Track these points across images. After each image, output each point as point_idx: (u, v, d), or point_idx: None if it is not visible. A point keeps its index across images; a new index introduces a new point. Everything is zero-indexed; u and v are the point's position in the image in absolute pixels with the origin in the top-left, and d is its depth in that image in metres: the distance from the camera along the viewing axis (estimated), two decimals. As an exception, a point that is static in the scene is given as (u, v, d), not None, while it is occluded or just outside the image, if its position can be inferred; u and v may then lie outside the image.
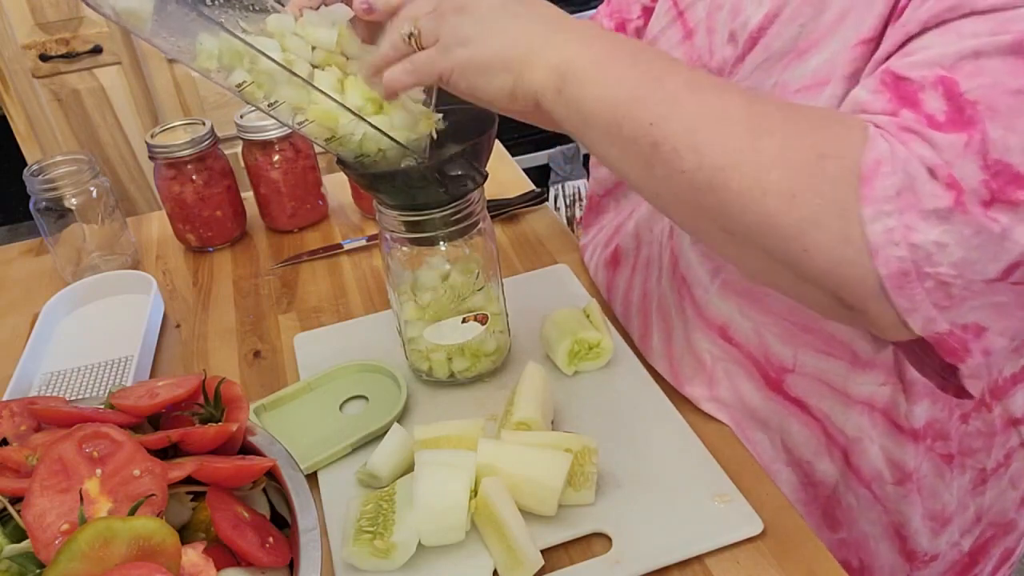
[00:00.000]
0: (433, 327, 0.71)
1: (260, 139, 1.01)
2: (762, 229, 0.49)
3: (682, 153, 0.50)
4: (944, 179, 0.46)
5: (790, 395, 0.66)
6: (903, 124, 0.48)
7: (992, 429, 0.66)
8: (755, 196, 0.48)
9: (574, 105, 0.53)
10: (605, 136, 0.53)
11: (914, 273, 0.47)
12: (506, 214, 1.04)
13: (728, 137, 0.49)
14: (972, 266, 0.47)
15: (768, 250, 0.50)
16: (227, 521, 0.47)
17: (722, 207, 0.50)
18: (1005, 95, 0.45)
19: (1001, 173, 0.46)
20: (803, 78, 0.57)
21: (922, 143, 0.47)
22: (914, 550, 0.70)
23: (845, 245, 0.47)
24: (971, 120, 0.46)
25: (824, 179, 0.47)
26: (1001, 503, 0.71)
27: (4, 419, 0.53)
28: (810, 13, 0.57)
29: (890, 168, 0.47)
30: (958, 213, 0.46)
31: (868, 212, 0.47)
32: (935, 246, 0.46)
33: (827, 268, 0.48)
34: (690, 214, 0.54)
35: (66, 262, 1.02)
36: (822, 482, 0.69)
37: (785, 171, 0.48)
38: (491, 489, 0.59)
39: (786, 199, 0.48)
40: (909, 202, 0.46)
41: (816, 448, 0.68)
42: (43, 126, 1.99)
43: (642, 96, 0.51)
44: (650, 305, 0.76)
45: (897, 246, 0.46)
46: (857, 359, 0.63)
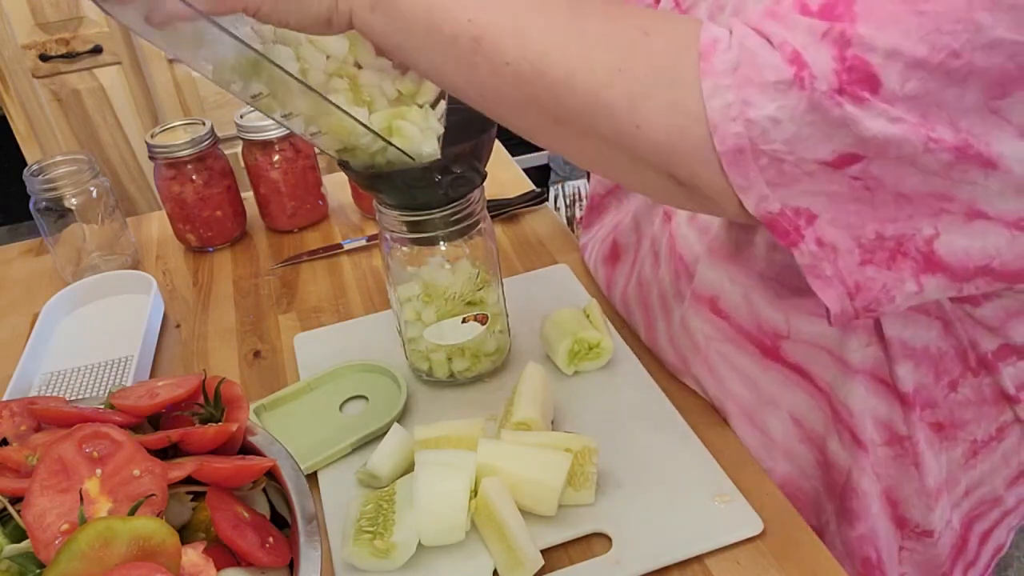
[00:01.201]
0: (433, 327, 0.71)
1: (260, 139, 1.01)
2: (592, 110, 0.49)
3: (504, 43, 0.49)
4: (788, 54, 0.46)
5: (788, 361, 0.66)
6: (769, 10, 0.48)
7: (981, 397, 0.66)
8: (581, 76, 0.48)
9: (390, 15, 0.52)
10: (426, 42, 0.52)
11: (749, 150, 0.47)
12: (506, 214, 1.04)
13: (549, 21, 0.49)
14: (804, 143, 0.47)
15: (601, 133, 0.50)
16: (227, 521, 0.47)
17: (550, 94, 0.50)
18: (887, 1, 0.45)
19: (855, 68, 0.45)
20: None
21: (777, 23, 0.47)
22: (904, 517, 0.69)
23: (678, 115, 0.47)
24: (841, 15, 0.46)
25: (651, 53, 0.48)
26: (991, 480, 0.71)
27: (4, 419, 0.53)
28: None
29: (726, 44, 0.47)
30: (795, 87, 0.46)
31: (707, 86, 0.47)
32: (770, 121, 0.46)
33: (661, 143, 0.48)
34: (521, 109, 0.53)
35: (66, 262, 1.02)
36: (835, 464, 0.68)
37: (609, 47, 0.48)
38: (491, 489, 0.59)
39: (611, 73, 0.48)
40: (747, 76, 0.46)
41: (825, 423, 0.67)
42: (43, 126, 1.99)
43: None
44: (650, 295, 0.76)
45: (734, 121, 0.47)
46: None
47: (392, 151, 0.62)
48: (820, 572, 0.57)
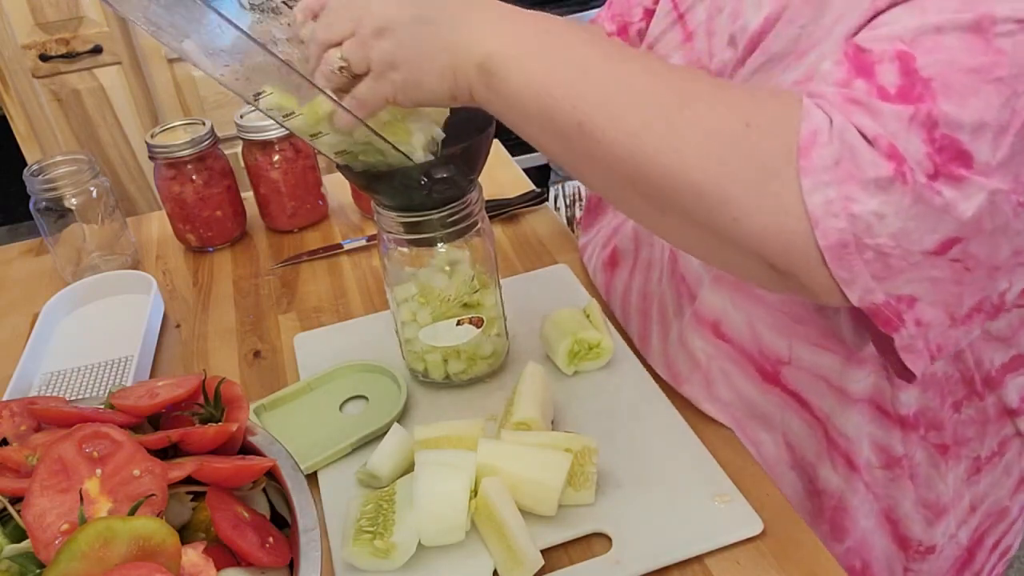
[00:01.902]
0: (428, 329, 0.71)
1: (260, 139, 1.01)
2: (691, 200, 0.49)
3: (605, 128, 0.50)
4: (884, 149, 0.46)
5: (788, 387, 0.66)
6: (849, 95, 0.48)
7: (985, 417, 0.66)
8: (681, 167, 0.48)
9: (503, 97, 0.54)
10: (537, 122, 0.53)
11: (853, 244, 0.47)
12: (506, 214, 1.04)
13: (652, 108, 0.49)
14: (909, 236, 0.47)
15: (700, 222, 0.50)
16: (227, 521, 0.47)
17: (648, 180, 0.50)
18: (960, 72, 0.45)
19: (947, 148, 0.46)
20: (798, 75, 0.57)
21: (864, 113, 0.47)
22: (906, 536, 0.69)
23: (779, 213, 0.47)
24: (921, 96, 0.46)
25: (751, 147, 0.48)
26: (995, 492, 0.71)
27: (4, 419, 0.53)
28: (810, 15, 0.57)
29: (827, 138, 0.47)
30: (898, 183, 0.46)
31: (807, 182, 0.47)
32: (874, 216, 0.46)
33: (760, 236, 0.48)
34: (622, 191, 0.54)
35: (66, 262, 1.02)
36: (826, 491, 0.69)
37: (712, 139, 0.48)
38: (491, 489, 0.59)
39: (713, 167, 0.48)
40: (848, 172, 0.46)
41: (818, 450, 0.68)
42: (43, 126, 1.99)
43: (564, 79, 0.51)
44: (650, 306, 0.76)
45: (837, 217, 0.47)
46: (851, 354, 0.63)
47: (392, 153, 0.62)
48: (820, 572, 0.57)
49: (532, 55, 0.53)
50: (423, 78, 0.55)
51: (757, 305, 0.65)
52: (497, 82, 0.53)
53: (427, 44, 0.54)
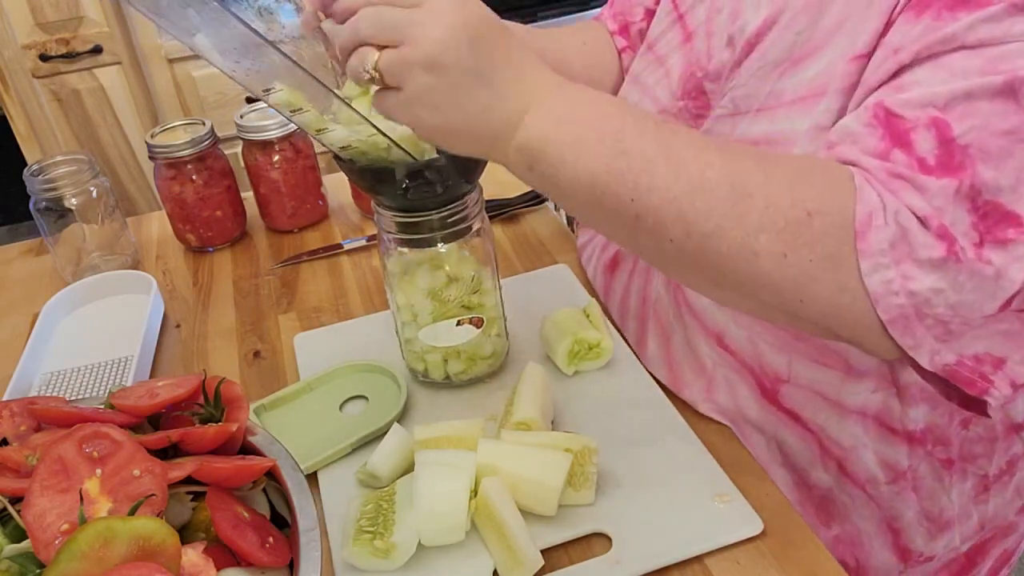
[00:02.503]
0: (428, 329, 0.71)
1: (260, 139, 1.01)
2: (757, 286, 0.50)
3: (667, 224, 0.50)
4: (935, 229, 0.47)
5: (784, 406, 0.67)
6: (893, 170, 0.49)
7: (993, 435, 0.66)
8: (746, 258, 0.49)
9: (549, 183, 0.53)
10: (586, 209, 0.53)
11: (914, 316, 0.49)
12: (506, 214, 1.04)
13: (712, 203, 0.49)
14: (969, 307, 0.49)
15: (764, 301, 0.52)
16: (227, 521, 0.47)
17: (714, 269, 0.51)
18: (995, 136, 0.47)
19: (991, 214, 0.47)
20: (798, 88, 0.57)
21: (912, 191, 0.48)
22: (908, 547, 0.70)
23: (843, 295, 0.49)
24: (961, 164, 0.47)
25: (814, 236, 0.49)
26: (1004, 511, 0.71)
27: (4, 419, 0.53)
28: (806, 21, 0.57)
29: (882, 221, 0.48)
30: (951, 262, 0.47)
31: (865, 265, 0.48)
32: (932, 292, 0.48)
33: (826, 315, 0.50)
34: (682, 274, 0.55)
35: (66, 262, 1.02)
36: (816, 486, 0.69)
37: (774, 232, 0.49)
38: (491, 489, 0.59)
39: (778, 259, 0.49)
40: (904, 252, 0.48)
41: (811, 459, 0.68)
42: (43, 126, 1.99)
43: (618, 171, 0.50)
44: (648, 310, 0.76)
45: (896, 295, 0.48)
46: (851, 368, 0.63)
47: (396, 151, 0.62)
48: (820, 572, 0.57)
49: (583, 142, 0.51)
50: (458, 134, 0.52)
51: (757, 323, 0.65)
52: (542, 167, 0.52)
53: (477, 105, 0.51)
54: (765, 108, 0.60)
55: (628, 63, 0.85)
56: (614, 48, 0.86)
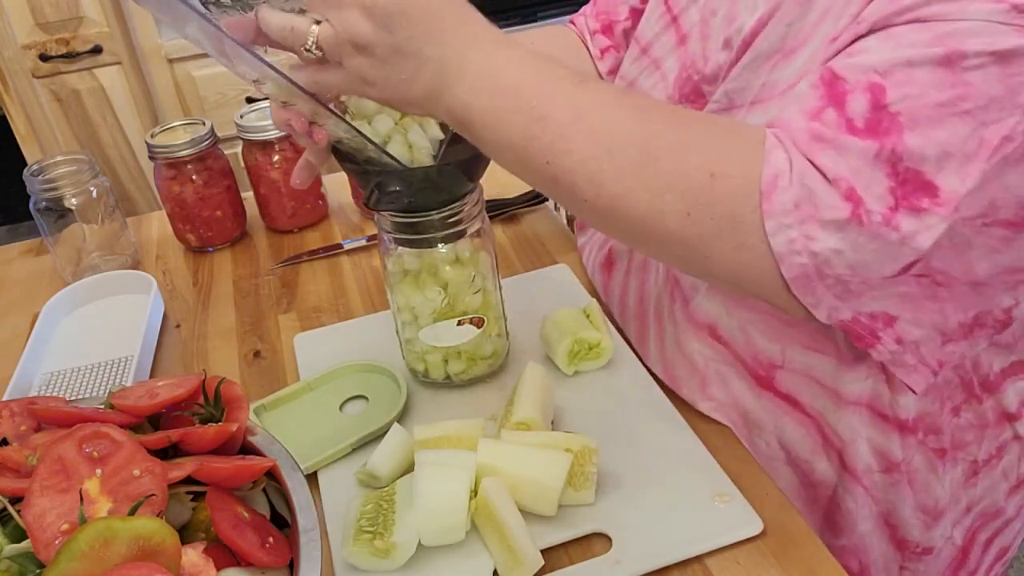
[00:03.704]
0: (428, 329, 0.71)
1: (260, 139, 1.01)
2: (665, 244, 0.53)
3: (580, 185, 0.53)
4: (843, 191, 0.49)
5: (781, 391, 0.67)
6: (817, 131, 0.50)
7: (984, 421, 0.66)
8: (654, 217, 0.52)
9: (478, 144, 0.56)
10: (513, 170, 0.56)
11: (815, 275, 0.51)
12: (506, 214, 1.04)
13: (621, 165, 0.52)
14: (867, 267, 0.50)
15: (676, 256, 0.54)
16: (227, 521, 0.47)
17: (627, 226, 0.54)
18: (928, 107, 0.47)
19: (910, 181, 0.48)
20: (789, 78, 0.58)
21: (831, 151, 0.49)
22: (904, 539, 0.70)
23: (745, 254, 0.51)
24: (888, 130, 0.48)
25: (717, 197, 0.51)
26: (992, 494, 0.71)
27: (4, 419, 0.53)
28: (797, 13, 0.58)
29: (787, 182, 0.49)
30: (854, 223, 0.49)
31: (770, 225, 0.50)
32: (832, 252, 0.50)
33: (731, 271, 0.53)
34: (603, 230, 0.59)
35: (66, 262, 1.02)
36: (822, 482, 0.69)
37: (678, 192, 0.51)
38: (491, 489, 0.59)
39: (682, 217, 0.51)
40: (808, 213, 0.49)
41: (812, 447, 0.68)
42: (43, 126, 1.99)
43: (532, 136, 0.53)
44: (646, 308, 0.76)
45: (799, 254, 0.50)
46: (843, 355, 0.63)
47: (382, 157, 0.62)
48: (820, 572, 0.57)
49: (501, 112, 0.53)
50: (394, 102, 0.56)
51: (750, 311, 0.66)
52: (469, 132, 0.56)
53: (402, 76, 0.54)
54: (759, 100, 0.60)
55: (612, 63, 0.85)
56: (586, 52, 0.86)
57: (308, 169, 0.67)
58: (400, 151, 0.63)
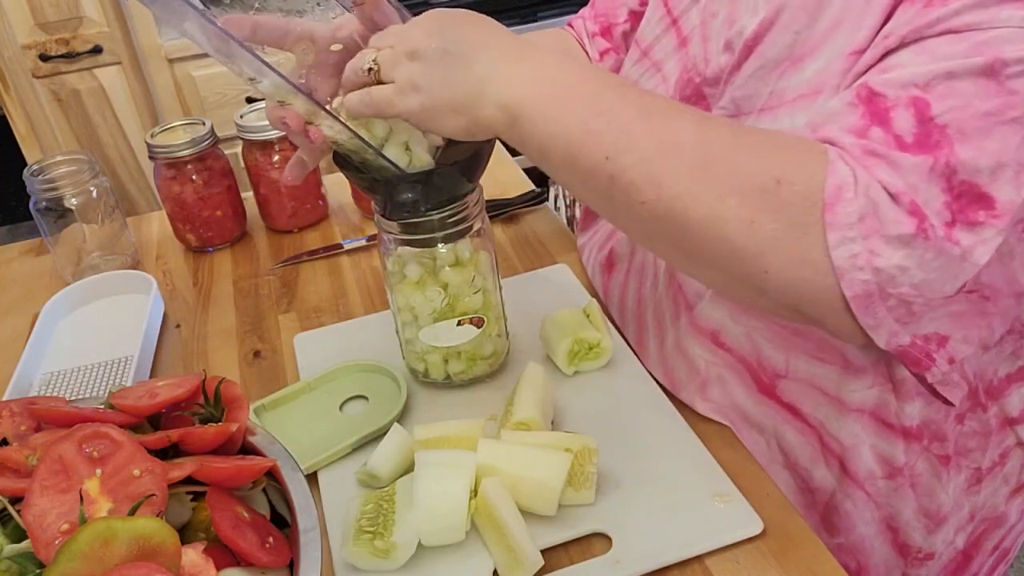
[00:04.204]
0: (428, 329, 0.71)
1: (260, 139, 1.01)
2: (723, 253, 0.51)
3: (639, 185, 0.51)
4: (906, 205, 0.47)
5: (783, 400, 0.67)
6: (869, 147, 0.49)
7: (988, 429, 0.66)
8: (714, 223, 0.50)
9: (528, 141, 0.54)
10: (563, 168, 0.54)
11: (878, 294, 0.49)
12: (506, 214, 1.04)
13: (683, 166, 0.50)
14: (931, 286, 0.49)
15: (730, 271, 0.52)
16: (227, 521, 0.47)
17: (683, 233, 0.51)
18: (975, 117, 0.46)
19: (965, 194, 0.47)
20: (799, 87, 0.58)
21: (886, 167, 0.48)
22: (907, 544, 0.70)
23: (806, 267, 0.49)
24: (938, 143, 0.47)
25: (781, 204, 0.49)
26: (993, 500, 0.71)
27: (4, 419, 0.53)
28: (805, 21, 0.57)
29: (852, 194, 0.48)
30: (920, 239, 0.47)
31: (833, 238, 0.48)
32: (897, 269, 0.48)
33: (788, 287, 0.50)
34: (652, 239, 0.55)
35: (66, 262, 1.02)
36: (820, 488, 0.69)
37: (742, 197, 0.49)
38: (491, 489, 0.59)
39: (744, 224, 0.49)
40: (872, 227, 0.48)
41: (812, 456, 0.68)
42: (43, 126, 1.99)
43: (594, 130, 0.51)
44: (645, 310, 0.76)
45: (861, 270, 0.48)
46: (848, 364, 0.63)
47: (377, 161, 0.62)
48: (820, 572, 0.57)
49: (559, 101, 0.53)
50: (441, 109, 0.55)
51: (756, 319, 0.65)
52: (521, 124, 0.54)
53: (455, 78, 0.54)
54: (767, 108, 0.60)
55: (612, 65, 0.85)
56: (585, 55, 0.86)
57: (300, 166, 0.67)
58: (396, 154, 0.63)
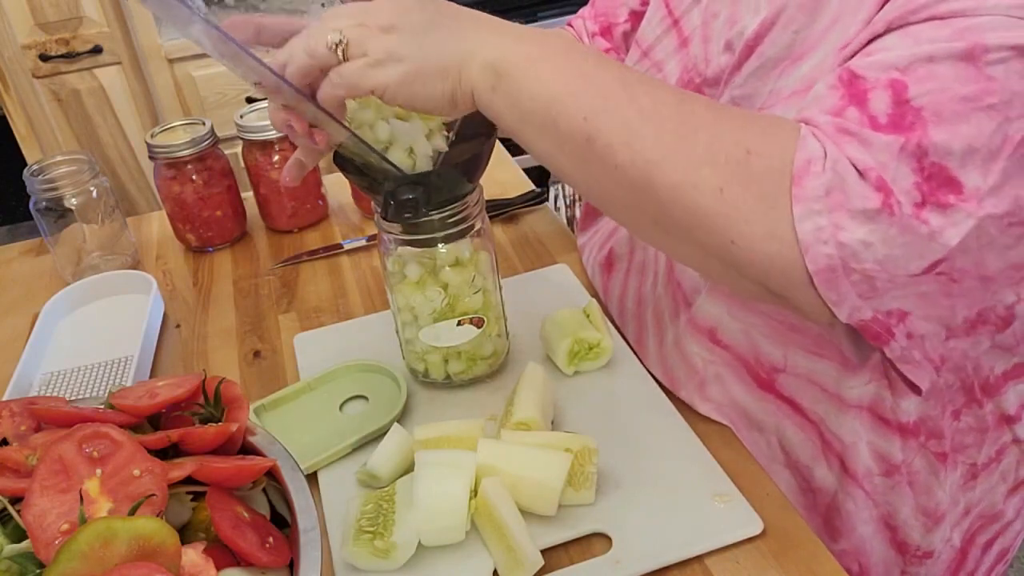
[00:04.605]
0: (428, 329, 0.71)
1: (260, 139, 1.01)
2: (692, 222, 0.51)
3: (616, 147, 0.51)
4: (873, 181, 0.47)
5: (783, 394, 0.66)
6: (842, 126, 0.49)
7: (984, 425, 0.66)
8: (686, 190, 0.50)
9: (509, 101, 0.54)
10: (541, 131, 0.54)
11: (841, 269, 0.49)
12: (506, 214, 1.04)
13: (660, 132, 0.50)
14: (896, 262, 0.49)
15: (698, 242, 0.52)
16: (227, 521, 0.47)
17: (654, 201, 0.51)
18: (951, 101, 0.47)
19: (935, 176, 0.47)
20: (794, 84, 0.58)
21: (857, 144, 0.48)
22: (905, 542, 0.70)
23: (772, 240, 0.49)
24: (912, 125, 0.47)
25: (751, 175, 0.49)
26: (990, 497, 0.71)
27: (4, 419, 0.53)
28: (804, 20, 0.58)
29: (820, 168, 0.48)
30: (885, 214, 0.47)
31: (799, 210, 0.48)
32: (861, 244, 0.48)
33: (755, 260, 0.50)
34: (624, 207, 0.55)
35: (66, 262, 1.02)
36: (821, 488, 0.69)
37: (714, 167, 0.49)
38: (491, 489, 0.59)
39: (714, 193, 0.49)
40: (838, 201, 0.48)
41: (813, 452, 0.68)
42: (43, 126, 1.99)
43: (575, 91, 0.52)
44: (645, 310, 0.76)
45: (826, 244, 0.48)
46: (846, 360, 0.63)
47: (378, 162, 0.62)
48: (820, 572, 0.57)
49: (544, 61, 0.53)
50: (427, 73, 0.54)
51: (753, 314, 0.65)
52: (506, 84, 0.53)
53: (440, 41, 0.54)
54: (765, 107, 0.60)
55: None
56: None
57: (298, 167, 0.67)
58: (399, 158, 0.63)
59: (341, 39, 0.54)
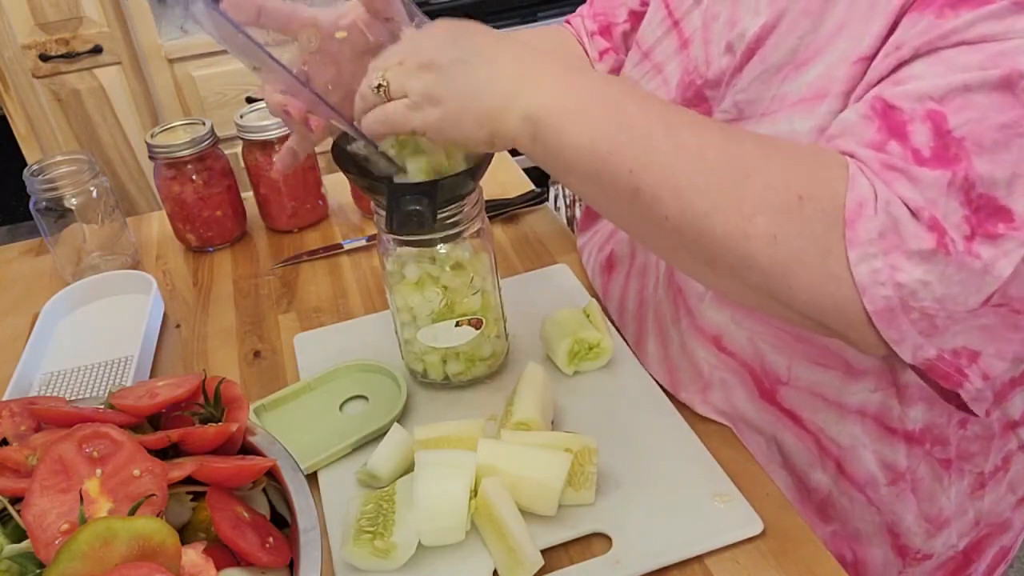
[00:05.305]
0: (427, 330, 0.71)
1: (260, 139, 1.01)
2: (746, 268, 0.50)
3: (664, 199, 0.50)
4: (926, 221, 0.47)
5: (783, 407, 0.67)
6: (887, 161, 0.49)
7: (990, 433, 0.66)
8: (738, 239, 0.49)
9: (551, 153, 0.53)
10: (586, 181, 0.53)
11: (900, 308, 0.49)
12: (506, 214, 1.04)
13: (709, 181, 0.50)
14: (954, 299, 0.48)
15: (752, 283, 0.51)
16: (227, 521, 0.47)
17: (707, 249, 0.51)
18: (991, 130, 0.46)
19: (983, 207, 0.47)
20: (800, 90, 0.57)
21: (905, 181, 0.48)
22: (906, 546, 0.70)
23: (830, 283, 0.49)
24: (956, 157, 0.47)
25: (805, 221, 0.49)
26: (999, 507, 0.71)
27: (4, 419, 0.53)
28: (808, 26, 0.57)
29: (872, 210, 0.48)
30: (940, 254, 0.47)
31: (854, 254, 0.48)
32: (920, 284, 0.48)
33: (812, 302, 0.50)
34: (675, 253, 0.54)
35: (66, 262, 1.02)
36: (816, 488, 0.69)
37: (766, 215, 0.49)
38: (491, 489, 0.59)
39: (768, 241, 0.49)
40: (893, 243, 0.48)
41: (809, 459, 0.68)
42: (43, 126, 1.99)
43: (619, 142, 0.51)
44: (646, 312, 0.76)
45: (883, 286, 0.48)
46: (851, 368, 0.63)
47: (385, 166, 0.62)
48: (820, 572, 0.57)
49: (582, 113, 0.52)
50: (462, 120, 0.54)
51: (758, 322, 0.65)
52: (545, 135, 0.52)
53: (475, 87, 0.53)
54: (768, 112, 0.60)
55: (611, 65, 0.84)
56: (584, 53, 0.86)
57: (291, 156, 0.66)
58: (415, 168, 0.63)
59: (382, 83, 0.55)
